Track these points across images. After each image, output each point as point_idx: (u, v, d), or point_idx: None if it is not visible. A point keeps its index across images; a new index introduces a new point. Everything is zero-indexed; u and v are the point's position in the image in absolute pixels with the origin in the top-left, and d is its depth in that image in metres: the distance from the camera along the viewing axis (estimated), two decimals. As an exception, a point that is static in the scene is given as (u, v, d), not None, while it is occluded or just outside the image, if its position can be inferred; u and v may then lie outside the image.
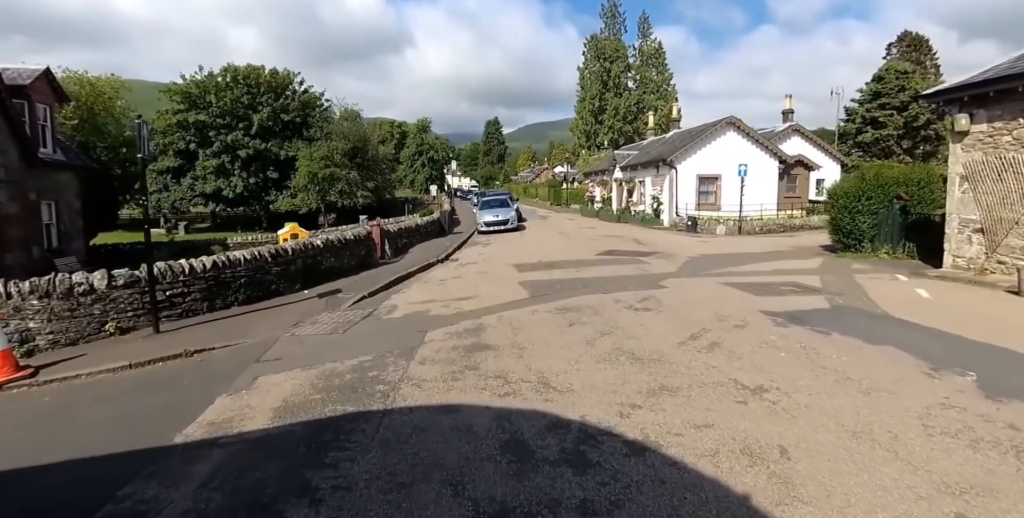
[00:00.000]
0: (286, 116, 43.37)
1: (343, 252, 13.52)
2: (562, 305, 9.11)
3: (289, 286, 11.20)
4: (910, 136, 33.56)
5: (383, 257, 16.66)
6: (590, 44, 62.40)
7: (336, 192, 40.34)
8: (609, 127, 60.56)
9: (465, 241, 21.95)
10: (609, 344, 6.72)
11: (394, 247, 17.65)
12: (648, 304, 8.96)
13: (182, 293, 9.35)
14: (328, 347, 7.49)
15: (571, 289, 10.61)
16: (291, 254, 11.29)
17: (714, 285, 10.70)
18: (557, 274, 12.55)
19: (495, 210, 26.37)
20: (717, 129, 27.20)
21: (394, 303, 10.31)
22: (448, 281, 12.59)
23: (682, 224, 25.79)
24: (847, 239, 15.97)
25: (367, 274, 13.45)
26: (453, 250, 18.79)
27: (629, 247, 18.00)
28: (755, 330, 7.17)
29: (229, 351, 7.77)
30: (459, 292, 10.99)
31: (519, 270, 13.49)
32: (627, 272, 12.56)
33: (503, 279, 12.28)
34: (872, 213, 15.71)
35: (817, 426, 4.30)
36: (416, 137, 69.07)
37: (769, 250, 17.07)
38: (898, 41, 57.76)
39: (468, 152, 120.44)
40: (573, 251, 17.15)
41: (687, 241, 20.25)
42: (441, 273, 14.08)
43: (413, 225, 20.09)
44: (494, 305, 9.45)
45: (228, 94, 42.54)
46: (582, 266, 13.69)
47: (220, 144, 41.96)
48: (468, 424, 4.54)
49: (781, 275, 11.92)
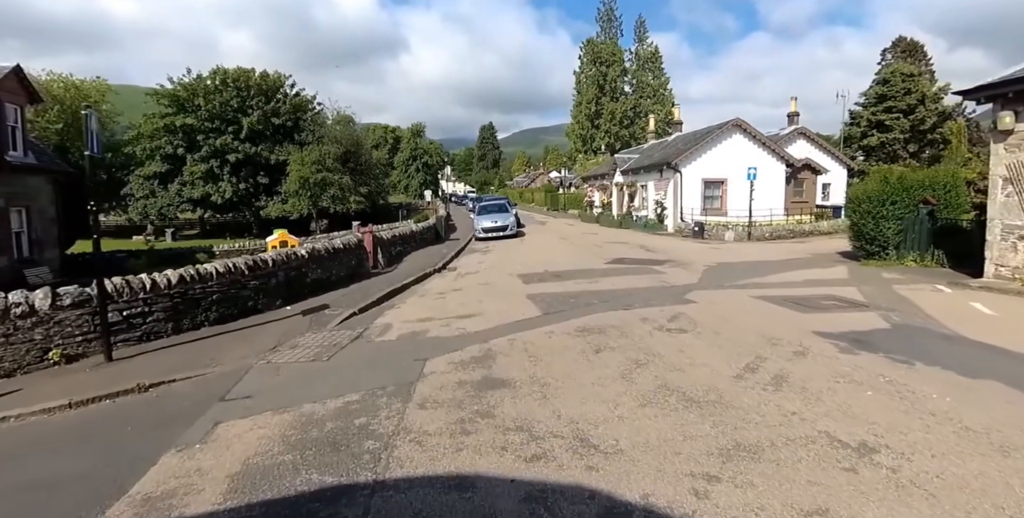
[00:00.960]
0: (277, 120, 42.08)
1: (331, 262, 12.25)
2: (581, 325, 7.88)
3: (269, 302, 9.93)
4: (916, 140, 32.65)
5: (376, 266, 15.40)
6: (586, 48, 61.38)
7: (328, 197, 39.08)
8: (606, 132, 59.46)
9: (463, 248, 20.73)
10: (650, 378, 5.51)
11: (388, 255, 16.40)
12: (681, 323, 7.75)
13: (142, 313, 8.07)
14: (308, 380, 6.24)
15: (586, 305, 9.40)
16: (271, 266, 10.00)
17: (747, 299, 9.52)
18: (568, 286, 11.34)
19: (493, 215, 25.14)
20: (723, 132, 26.15)
21: (387, 321, 9.06)
22: (448, 294, 11.35)
23: (688, 230, 24.67)
24: (870, 246, 14.94)
25: (358, 286, 12.19)
26: (451, 258, 17.56)
27: (639, 254, 16.83)
28: (820, 358, 5.98)
29: (191, 384, 6.50)
30: (461, 308, 9.75)
31: (525, 281, 12.27)
32: (644, 283, 11.36)
33: (508, 292, 11.06)
34: (897, 218, 14.71)
35: (971, 511, 3.10)
36: (410, 141, 67.73)
37: (786, 257, 15.98)
38: (893, 46, 57.26)
39: (463, 157, 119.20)
40: (580, 259, 15.96)
41: (697, 248, 19.11)
42: (439, 284, 12.84)
43: (408, 232, 18.83)
44: (502, 324, 8.21)
45: (217, 97, 41.24)
46: (593, 277, 12.48)
47: (209, 148, 40.62)
48: (489, 510, 3.30)
49: (814, 286, 10.78)
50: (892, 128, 32.15)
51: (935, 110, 32.54)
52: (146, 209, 42.29)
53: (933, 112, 32.35)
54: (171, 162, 42.20)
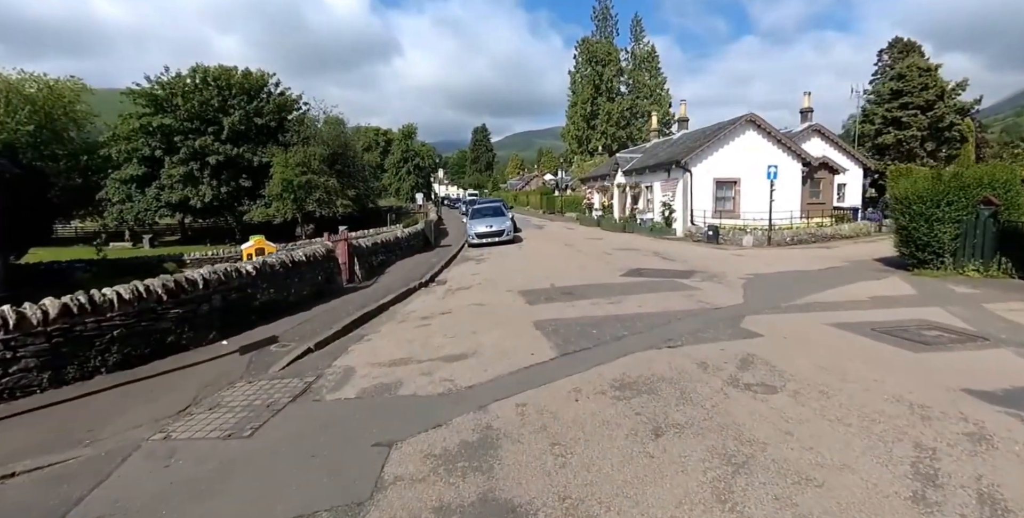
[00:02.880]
0: (260, 120, 39.55)
1: (289, 279, 9.79)
2: (617, 377, 5.51)
3: (199, 335, 7.50)
4: (934, 138, 30.51)
5: (352, 280, 13.01)
6: (581, 47, 59.15)
7: (314, 201, 36.64)
8: (602, 132, 57.20)
9: (454, 256, 18.33)
10: (768, 500, 3.16)
11: (367, 266, 14.01)
12: (760, 374, 5.40)
13: (3, 360, 5.66)
14: (205, 484, 3.86)
15: (614, 338, 7.04)
16: (202, 287, 7.57)
17: (824, 329, 7.19)
18: (583, 308, 8.98)
19: (488, 220, 22.71)
20: (735, 128, 23.90)
21: (350, 363, 6.67)
22: (433, 320, 8.95)
23: (700, 234, 22.39)
24: (922, 253, 12.77)
25: (324, 308, 9.77)
26: (440, 268, 15.17)
27: (656, 263, 14.50)
28: (1018, 447, 3.67)
29: (35, 484, 4.11)
30: (448, 342, 7.37)
31: (528, 301, 9.90)
32: (679, 304, 9.02)
33: (509, 317, 8.69)
34: (954, 221, 12.54)
35: None
36: (401, 143, 64.91)
37: (822, 266, 13.78)
38: (889, 47, 55.46)
39: (456, 160, 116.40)
40: (590, 270, 13.61)
41: (718, 255, 16.82)
42: (424, 304, 10.45)
43: (392, 238, 16.37)
44: (505, 374, 5.84)
45: (197, 96, 38.68)
46: (612, 294, 10.12)
47: (188, 150, 37.99)
48: None
49: (889, 307, 8.53)
50: (910, 125, 29.98)
51: (953, 106, 30.43)
52: (122, 214, 39.63)
53: (952, 109, 30.24)
54: (149, 165, 39.59)
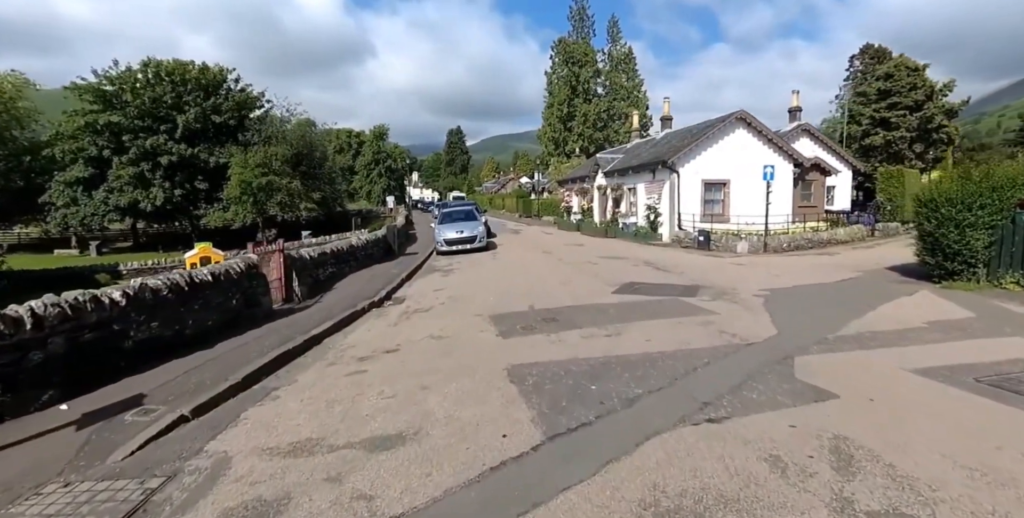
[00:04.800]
0: (218, 118, 36.62)
1: (187, 306, 7.31)
2: (647, 495, 3.27)
3: (23, 397, 5.09)
4: (922, 139, 29.17)
5: (290, 300, 10.63)
6: (558, 47, 57.14)
7: (275, 204, 33.89)
8: (579, 134, 55.25)
9: (419, 266, 16.00)
10: None
11: (310, 281, 11.64)
12: (879, 487, 3.20)
13: None
14: None
15: (626, 400, 4.83)
16: (31, 328, 5.15)
17: (910, 380, 5.12)
18: (573, 345, 6.77)
19: (458, 224, 20.39)
20: (725, 126, 22.06)
21: (228, 450, 4.34)
22: (373, 362, 6.63)
23: (689, 239, 20.46)
24: (951, 262, 11.02)
25: (233, 344, 7.36)
26: (400, 282, 12.85)
27: (651, 276, 12.40)
28: None
29: None
30: (384, 407, 5.05)
31: (501, 332, 7.65)
32: (699, 337, 6.85)
33: (475, 359, 6.43)
34: (988, 227, 10.78)
35: None
36: (372, 145, 61.86)
37: (838, 278, 11.91)
38: (861, 53, 54.82)
39: (430, 163, 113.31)
40: (576, 285, 11.43)
41: (717, 265, 14.83)
42: (369, 335, 8.12)
43: (345, 247, 13.95)
44: (461, 483, 3.56)
45: (148, 92, 35.60)
46: (608, 320, 7.94)
47: (138, 150, 34.85)
48: None
49: (958, 337, 6.62)
50: (898, 126, 28.58)
51: (942, 107, 29.15)
52: (67, 219, 36.23)
53: (941, 109, 28.95)
54: (96, 165, 36.35)
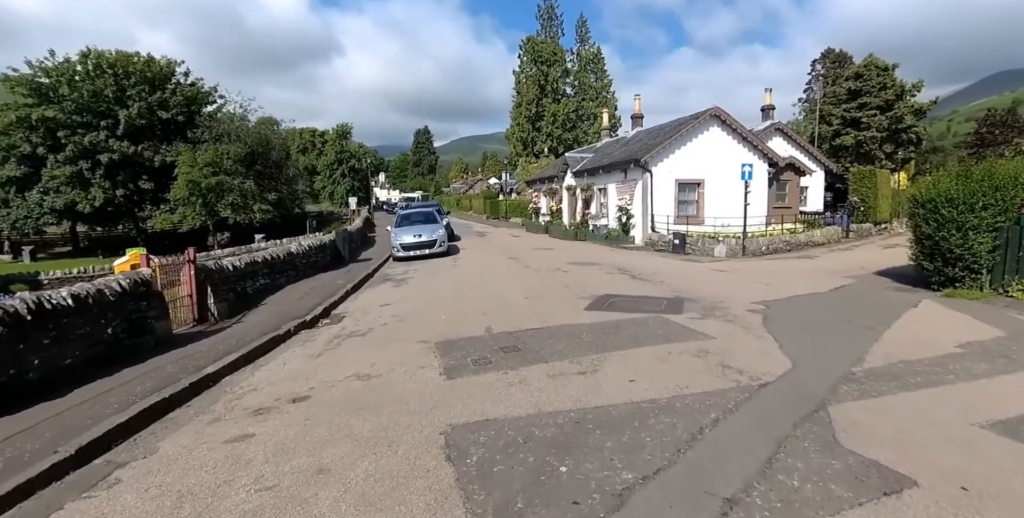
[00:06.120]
0: (165, 113, 33.98)
1: (27, 343, 5.34)
2: None
3: None
4: (892, 139, 28.68)
5: (204, 320, 8.81)
6: (527, 46, 55.76)
7: (226, 205, 31.54)
8: (548, 134, 54.01)
9: (370, 275, 14.22)
10: None
11: (232, 297, 9.80)
12: None
13: None
14: None
15: (608, 491, 3.25)
16: None
17: (995, 445, 3.70)
18: (537, 387, 5.17)
19: (417, 228, 18.61)
20: (699, 124, 20.85)
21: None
22: (269, 419, 4.88)
23: (663, 243, 19.17)
24: (952, 268, 9.94)
25: (91, 392, 5.49)
26: (342, 295, 11.09)
27: (628, 286, 10.91)
28: None
29: None
30: (251, 511, 3.38)
31: (447, 368, 6.00)
32: (697, 376, 5.31)
33: (404, 416, 4.74)
34: (992, 229, 9.72)
35: None
36: (335, 144, 59.17)
37: (831, 286, 10.71)
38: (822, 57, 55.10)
39: (397, 163, 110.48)
40: (543, 299, 9.87)
41: (696, 271, 13.48)
42: (282, 371, 6.37)
43: (283, 255, 12.08)
44: None
45: (88, 85, 32.79)
46: (580, 349, 6.39)
47: (76, 147, 32.07)
48: None
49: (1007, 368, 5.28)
50: (869, 126, 28.01)
51: (911, 107, 28.71)
52: (-5, 222, 33.21)
53: (910, 109, 28.49)
54: (31, 164, 33.40)
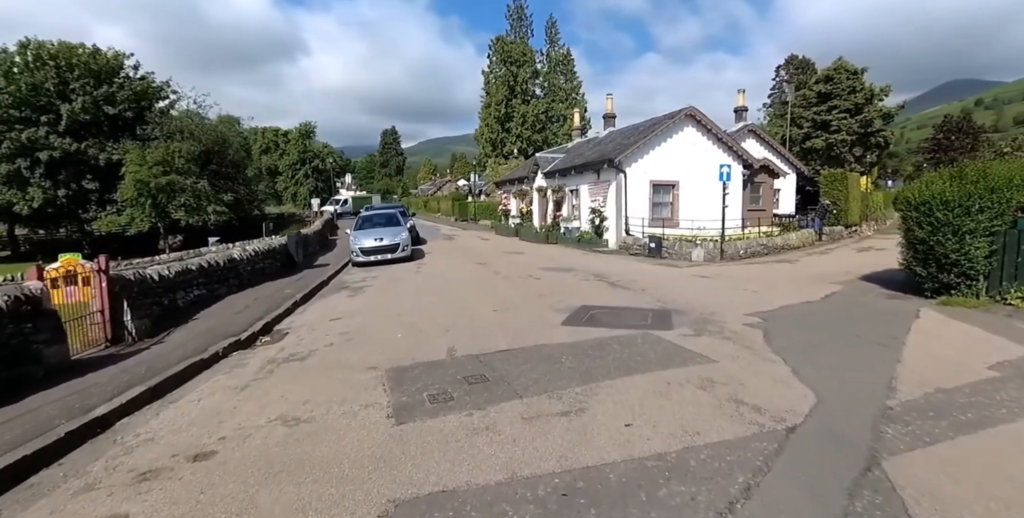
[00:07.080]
0: (111, 109, 31.77)
1: None
2: None
3: None
4: (861, 143, 28.66)
5: (120, 340, 7.46)
6: (496, 46, 54.73)
7: (178, 207, 29.57)
8: (517, 136, 53.09)
9: (324, 283, 12.93)
10: None
11: (158, 312, 8.46)
12: None
13: None
14: None
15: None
16: None
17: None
18: (508, 434, 4.09)
19: (378, 231, 17.27)
20: (674, 123, 20.15)
21: None
22: (152, 490, 3.62)
23: (638, 246, 18.35)
24: (946, 274, 9.32)
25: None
26: (289, 307, 9.81)
27: (607, 295, 9.94)
28: None
29: None
30: None
31: (397, 408, 4.85)
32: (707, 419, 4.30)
33: (332, 486, 3.61)
34: (988, 233, 9.13)
35: None
36: (298, 143, 56.78)
37: (822, 293, 9.98)
38: (786, 64, 55.84)
39: (364, 164, 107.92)
40: (515, 312, 8.79)
41: (677, 277, 12.62)
42: (189, 415, 5.08)
43: (223, 261, 10.69)
44: None
45: (26, 77, 30.42)
46: (560, 378, 5.35)
47: (12, 144, 29.71)
48: None
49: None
50: (839, 129, 27.92)
51: (880, 110, 28.74)
52: (-76, 224, 30.53)
53: (879, 113, 28.52)
54: (-38, 162, 30.82)
